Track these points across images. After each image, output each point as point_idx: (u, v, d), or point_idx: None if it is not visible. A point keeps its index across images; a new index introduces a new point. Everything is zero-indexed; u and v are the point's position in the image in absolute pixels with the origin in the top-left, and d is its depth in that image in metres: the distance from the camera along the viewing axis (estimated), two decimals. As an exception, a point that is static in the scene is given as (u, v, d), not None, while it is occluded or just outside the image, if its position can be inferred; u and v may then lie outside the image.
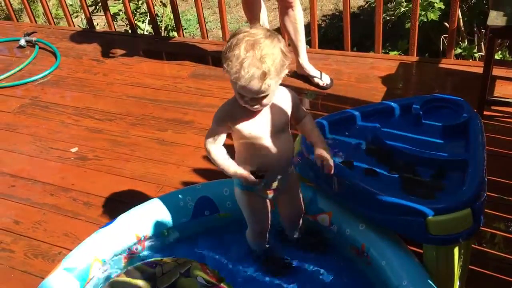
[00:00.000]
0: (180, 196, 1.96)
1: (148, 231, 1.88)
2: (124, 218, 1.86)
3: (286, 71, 1.48)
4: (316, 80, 3.01)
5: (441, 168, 1.68)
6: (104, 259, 1.77)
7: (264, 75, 1.37)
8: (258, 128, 1.55)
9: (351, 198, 1.68)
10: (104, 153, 2.68)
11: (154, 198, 1.99)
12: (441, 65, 3.06)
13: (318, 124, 1.92)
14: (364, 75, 3.08)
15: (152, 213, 1.89)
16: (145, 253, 1.90)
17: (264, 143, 1.57)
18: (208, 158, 2.51)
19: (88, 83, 3.41)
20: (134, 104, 3.10)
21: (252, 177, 1.55)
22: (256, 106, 1.47)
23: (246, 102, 1.47)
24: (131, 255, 1.87)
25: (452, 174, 1.66)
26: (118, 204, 2.30)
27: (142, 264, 1.59)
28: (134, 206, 1.97)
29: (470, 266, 1.72)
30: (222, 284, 1.58)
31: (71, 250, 1.86)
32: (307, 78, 3.05)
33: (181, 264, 1.58)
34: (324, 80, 3.01)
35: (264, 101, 1.46)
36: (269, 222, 1.78)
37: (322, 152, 1.57)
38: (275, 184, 1.66)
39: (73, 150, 2.73)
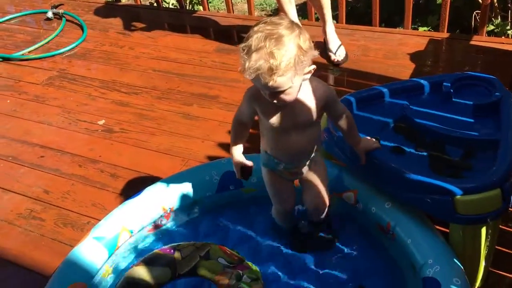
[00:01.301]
0: (205, 170, 1.98)
1: (174, 203, 1.91)
2: (151, 190, 1.89)
3: (310, 68, 1.39)
4: (329, 53, 2.97)
5: (471, 147, 1.66)
6: (132, 230, 1.81)
7: (271, 70, 1.29)
8: (280, 121, 1.50)
9: (378, 176, 1.67)
10: (130, 126, 2.71)
11: (180, 171, 2.03)
12: (472, 42, 2.98)
13: (346, 100, 1.91)
14: (392, 51, 3.02)
15: (178, 186, 1.91)
16: (171, 224, 1.93)
17: (285, 136, 1.54)
18: (233, 133, 2.54)
19: (114, 56, 3.43)
20: (159, 78, 3.11)
21: (238, 173, 1.64)
22: (275, 101, 1.40)
23: (265, 95, 1.41)
24: (157, 227, 1.91)
25: (482, 154, 1.63)
26: (144, 176, 2.33)
27: (160, 250, 1.60)
28: (160, 179, 2.00)
29: (496, 246, 1.70)
30: (244, 263, 1.59)
31: (99, 220, 1.91)
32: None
33: (200, 248, 1.59)
34: (338, 55, 2.96)
35: (283, 97, 1.38)
36: (293, 203, 1.77)
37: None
38: (295, 169, 1.66)
39: (100, 122, 2.77)
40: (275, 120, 1.50)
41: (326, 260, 1.74)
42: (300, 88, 1.42)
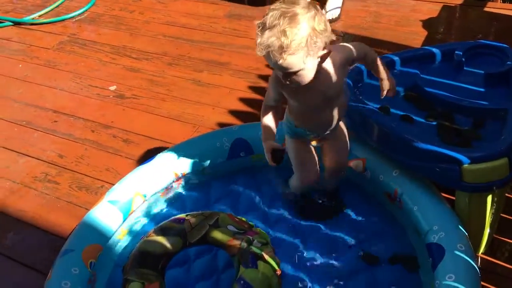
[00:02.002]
0: (216, 137, 2.01)
1: (186, 169, 1.95)
2: (163, 156, 1.93)
3: (323, 52, 1.38)
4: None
5: (480, 117, 1.67)
6: (145, 194, 1.86)
7: (281, 48, 1.28)
8: (309, 100, 1.51)
9: (387, 144, 1.69)
10: (141, 92, 2.73)
11: (191, 137, 2.06)
12: (486, 9, 2.93)
13: (356, 69, 1.91)
14: (405, 18, 2.99)
15: (190, 152, 1.95)
16: (182, 190, 1.98)
17: (316, 112, 1.55)
18: (243, 100, 2.56)
19: (124, 21, 3.42)
20: (170, 43, 3.11)
21: (269, 158, 1.57)
22: (287, 83, 1.40)
23: (279, 76, 1.40)
24: (169, 191, 1.95)
25: (491, 123, 1.64)
26: (155, 142, 2.37)
27: (169, 221, 1.64)
28: (171, 145, 2.04)
29: (501, 214, 1.73)
30: (253, 229, 1.63)
31: (112, 184, 1.96)
32: (345, 21, 2.99)
33: (208, 217, 1.63)
34: (328, 14, 2.99)
35: (296, 78, 1.38)
36: (317, 173, 1.75)
37: (383, 85, 1.62)
38: (324, 135, 1.68)
39: (112, 88, 2.79)
40: (303, 100, 1.51)
41: (333, 226, 1.78)
42: (314, 70, 1.40)
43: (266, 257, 1.52)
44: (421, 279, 1.55)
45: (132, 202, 1.81)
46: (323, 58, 1.40)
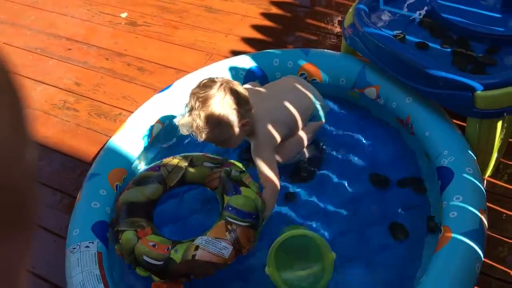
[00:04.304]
0: (230, 65, 2.03)
1: (202, 96, 1.99)
2: (179, 84, 1.96)
3: (243, 121, 1.54)
4: None
5: (496, 43, 1.67)
6: (164, 122, 1.91)
7: (198, 129, 1.51)
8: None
9: (401, 71, 1.71)
10: (153, 19, 2.72)
11: (205, 66, 2.09)
12: None
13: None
14: None
15: (205, 80, 1.98)
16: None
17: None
18: (255, 27, 2.55)
19: None
20: (179, -32, 3.03)
21: None
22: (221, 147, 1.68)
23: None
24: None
25: (506, 49, 1.65)
26: (169, 70, 2.39)
27: (145, 171, 1.67)
28: (185, 73, 2.07)
29: (510, 139, 1.78)
30: (228, 161, 1.66)
31: (130, 111, 2.01)
32: None
33: (182, 159, 1.66)
34: None
35: (227, 144, 1.63)
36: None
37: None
38: None
39: (123, 15, 2.77)
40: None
41: (344, 151, 1.84)
42: (241, 136, 1.61)
43: (247, 182, 1.56)
44: (429, 200, 1.64)
45: (152, 129, 1.87)
46: (245, 126, 1.57)
